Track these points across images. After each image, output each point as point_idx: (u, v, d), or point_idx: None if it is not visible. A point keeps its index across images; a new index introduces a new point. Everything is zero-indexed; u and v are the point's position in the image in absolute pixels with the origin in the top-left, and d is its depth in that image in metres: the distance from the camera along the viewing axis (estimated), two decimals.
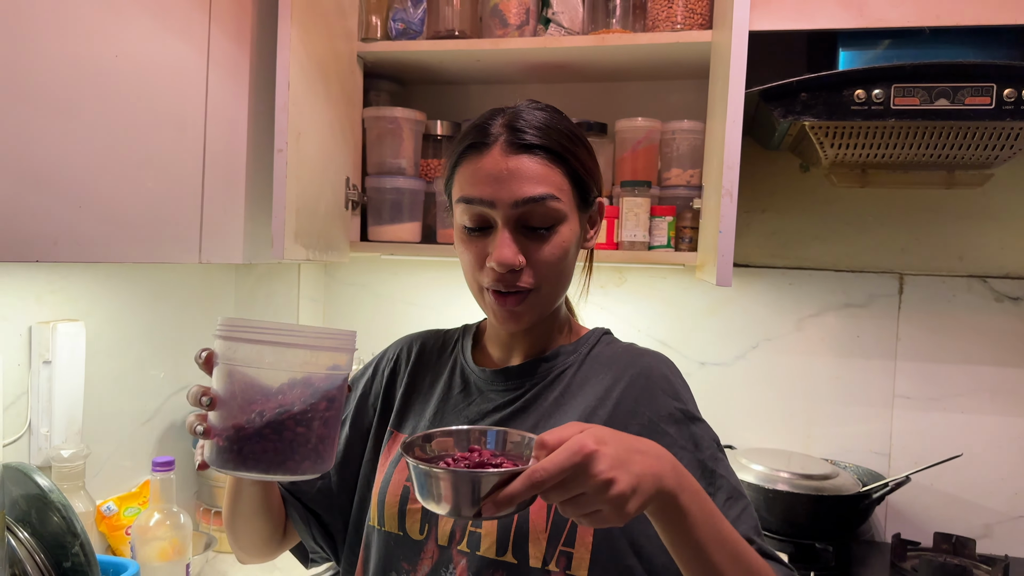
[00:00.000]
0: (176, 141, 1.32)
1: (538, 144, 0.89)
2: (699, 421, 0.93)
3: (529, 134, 0.89)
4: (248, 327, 0.73)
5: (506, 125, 0.90)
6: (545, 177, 0.89)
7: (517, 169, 0.88)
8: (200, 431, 0.75)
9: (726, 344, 1.85)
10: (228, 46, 1.42)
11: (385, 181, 1.71)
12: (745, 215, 1.81)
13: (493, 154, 0.89)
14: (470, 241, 0.93)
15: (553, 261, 0.91)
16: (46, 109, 1.08)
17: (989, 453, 1.72)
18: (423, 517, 0.93)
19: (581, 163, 0.93)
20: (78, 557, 1.13)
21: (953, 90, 1.31)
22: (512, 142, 0.89)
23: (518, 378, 0.98)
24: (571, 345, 1.00)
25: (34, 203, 1.06)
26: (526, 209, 0.88)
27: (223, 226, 1.44)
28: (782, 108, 1.37)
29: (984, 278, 1.72)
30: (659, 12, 1.56)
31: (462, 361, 1.04)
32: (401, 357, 1.09)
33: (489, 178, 0.89)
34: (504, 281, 0.90)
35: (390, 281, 2.04)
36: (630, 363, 0.96)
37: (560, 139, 0.91)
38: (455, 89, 1.94)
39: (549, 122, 0.92)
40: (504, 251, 0.88)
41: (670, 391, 0.93)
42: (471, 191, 0.90)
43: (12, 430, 1.37)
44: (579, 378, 0.96)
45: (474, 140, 0.91)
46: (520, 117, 0.91)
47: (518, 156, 0.88)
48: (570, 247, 0.93)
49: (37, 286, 1.41)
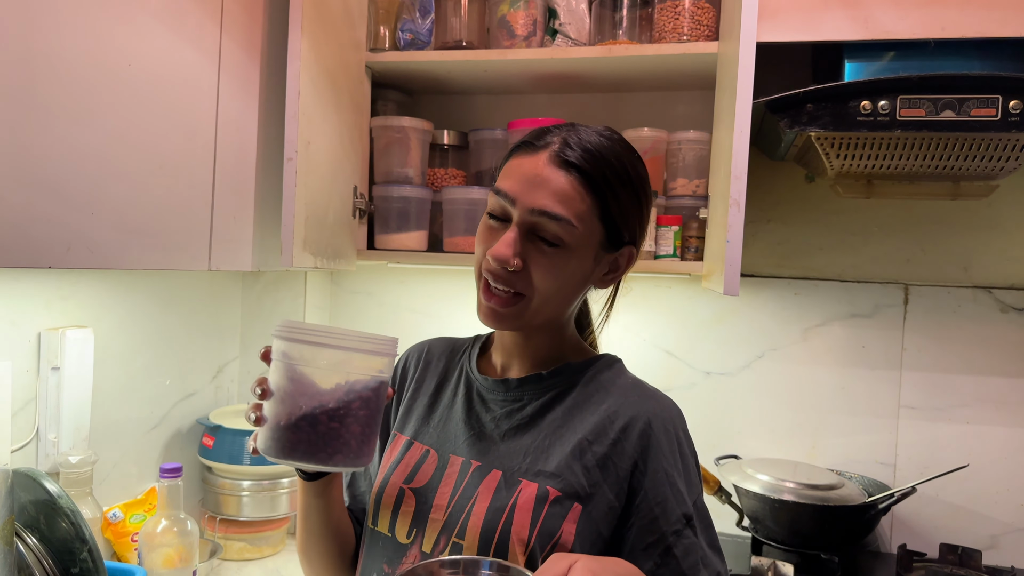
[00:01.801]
0: (187, 149, 1.33)
1: (579, 167, 0.89)
2: (682, 485, 0.90)
3: (576, 154, 0.89)
4: (300, 329, 0.82)
5: (563, 138, 0.91)
6: (570, 201, 0.89)
7: (548, 181, 0.89)
8: (252, 419, 0.83)
9: (731, 354, 1.85)
10: (239, 56, 1.43)
11: (392, 190, 1.71)
12: (751, 225, 1.81)
13: (538, 159, 0.90)
14: (488, 229, 0.94)
15: (547, 277, 0.91)
16: (60, 116, 1.09)
17: (995, 464, 1.71)
18: (413, 522, 0.94)
19: (619, 205, 0.92)
20: (86, 563, 1.13)
21: (959, 102, 1.31)
22: (558, 155, 0.90)
23: (518, 390, 0.98)
24: (578, 364, 0.99)
25: (48, 210, 1.07)
26: (540, 220, 0.89)
27: (233, 234, 1.45)
28: (788, 119, 1.37)
29: (989, 289, 1.73)
30: (665, 23, 1.57)
31: (467, 368, 1.05)
32: (410, 363, 1.11)
33: (523, 178, 0.90)
34: (496, 275, 0.91)
35: (396, 290, 2.05)
36: (638, 403, 0.94)
37: (606, 172, 0.90)
38: (462, 99, 1.95)
39: (607, 154, 0.91)
40: (502, 247, 0.89)
41: (667, 449, 0.91)
42: (503, 183, 0.92)
43: (20, 436, 1.38)
44: (581, 401, 0.95)
45: (530, 140, 0.93)
46: (579, 136, 0.91)
47: (556, 169, 0.89)
48: (571, 276, 0.92)
49: (46, 292, 1.41)
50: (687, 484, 0.91)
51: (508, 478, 0.91)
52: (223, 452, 1.70)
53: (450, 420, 1.01)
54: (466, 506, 0.91)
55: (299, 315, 1.96)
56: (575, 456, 0.90)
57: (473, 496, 0.92)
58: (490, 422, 0.97)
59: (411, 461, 0.99)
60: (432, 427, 1.02)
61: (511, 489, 0.90)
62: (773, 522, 1.61)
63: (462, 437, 0.98)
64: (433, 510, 0.94)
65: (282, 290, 1.97)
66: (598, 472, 0.89)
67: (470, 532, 0.89)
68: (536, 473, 0.90)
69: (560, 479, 0.89)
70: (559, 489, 0.88)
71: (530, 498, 0.88)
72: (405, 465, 0.99)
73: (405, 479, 0.98)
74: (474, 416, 0.99)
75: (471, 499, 0.92)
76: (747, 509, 1.67)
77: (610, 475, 0.89)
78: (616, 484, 0.89)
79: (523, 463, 0.92)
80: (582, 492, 0.88)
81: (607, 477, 0.89)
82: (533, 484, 0.89)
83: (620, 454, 0.90)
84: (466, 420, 0.99)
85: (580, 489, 0.88)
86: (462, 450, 0.97)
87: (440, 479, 0.96)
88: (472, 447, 0.97)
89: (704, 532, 0.90)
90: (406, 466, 0.99)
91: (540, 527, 0.87)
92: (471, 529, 0.89)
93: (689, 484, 0.91)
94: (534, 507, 0.88)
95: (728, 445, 1.83)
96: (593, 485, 0.89)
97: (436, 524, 0.92)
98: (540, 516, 0.87)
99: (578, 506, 0.88)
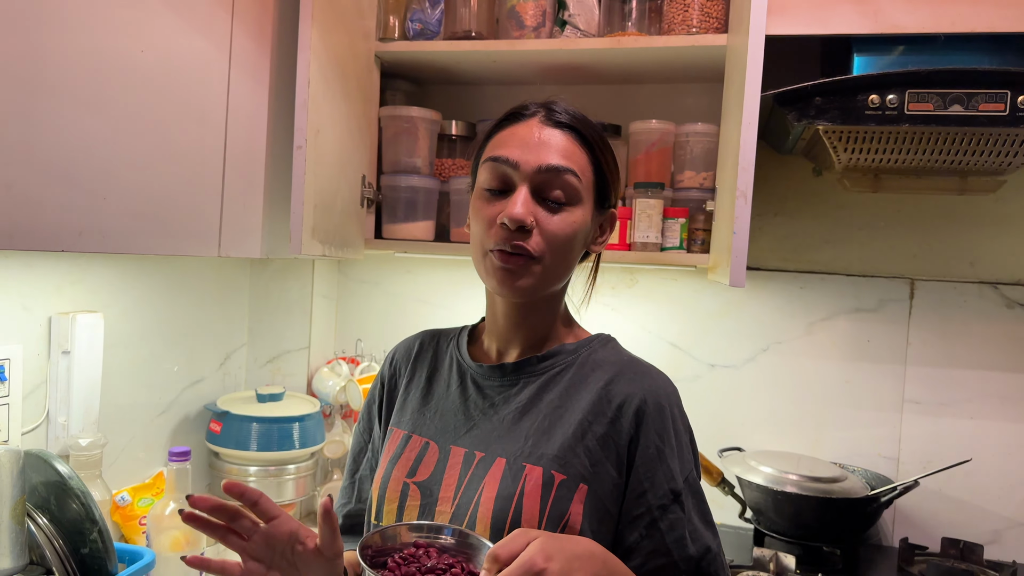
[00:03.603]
0: (198, 136, 1.34)
1: (571, 126, 0.94)
2: (673, 462, 0.91)
3: (565, 116, 0.95)
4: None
5: (544, 105, 0.96)
6: (572, 154, 0.93)
7: (549, 140, 0.93)
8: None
9: (736, 347, 1.85)
10: (249, 44, 1.44)
11: (400, 180, 1.72)
12: (757, 218, 1.81)
13: (530, 124, 0.94)
14: (487, 202, 0.94)
15: (560, 235, 0.92)
16: (71, 102, 1.10)
17: (998, 459, 1.72)
18: (420, 516, 0.94)
19: (607, 162, 0.97)
20: (96, 543, 1.15)
21: (967, 96, 1.31)
22: (549, 117, 0.94)
23: (514, 374, 0.98)
24: (572, 345, 1.00)
25: (60, 195, 1.09)
26: (547, 177, 0.91)
27: (242, 220, 1.46)
28: (796, 112, 1.38)
29: (995, 284, 1.73)
30: (675, 15, 1.57)
31: (458, 356, 1.04)
32: (399, 359, 1.10)
33: (520, 142, 0.93)
34: (511, 239, 0.91)
35: (403, 279, 2.05)
36: (634, 381, 0.94)
37: (592, 132, 0.96)
38: (471, 90, 1.96)
39: (585, 117, 0.97)
40: (518, 207, 0.90)
41: (660, 426, 0.92)
42: (500, 151, 0.93)
43: (31, 419, 1.39)
44: (578, 380, 0.96)
45: (515, 111, 0.97)
46: (558, 102, 0.97)
47: (552, 129, 0.94)
48: (578, 231, 0.94)
49: (57, 277, 1.43)
50: (679, 460, 0.92)
51: (512, 464, 0.91)
52: (230, 438, 1.71)
53: (446, 410, 1.00)
54: (473, 497, 0.91)
55: (306, 304, 1.97)
56: (577, 437, 0.91)
57: (480, 487, 0.92)
58: (488, 409, 0.97)
59: (411, 455, 0.99)
60: (428, 419, 1.01)
61: (516, 476, 0.90)
62: (776, 514, 1.62)
63: (461, 427, 0.98)
64: (440, 503, 0.93)
65: (290, 279, 1.98)
66: (599, 451, 0.90)
67: (480, 523, 0.89)
68: (539, 456, 0.91)
69: (564, 461, 0.90)
70: (564, 472, 0.89)
71: (536, 484, 0.89)
72: (406, 459, 0.99)
73: (407, 473, 0.97)
74: (470, 404, 0.99)
75: (478, 489, 0.91)
76: (750, 501, 1.68)
77: (611, 453, 0.90)
78: (617, 461, 0.91)
79: (525, 447, 0.92)
80: (586, 473, 0.89)
81: (608, 456, 0.90)
82: (538, 468, 0.90)
83: (618, 432, 0.91)
84: (463, 409, 0.99)
85: (584, 470, 0.89)
86: (462, 440, 0.97)
87: (443, 471, 0.95)
88: (472, 436, 0.96)
89: (696, 508, 0.92)
90: (407, 460, 0.98)
91: (549, 511, 0.87)
92: (480, 520, 0.89)
93: (681, 461, 0.92)
94: (541, 492, 0.88)
95: (732, 437, 1.84)
96: (596, 464, 0.90)
97: (444, 517, 0.92)
98: (548, 500, 0.88)
99: (584, 487, 0.89)
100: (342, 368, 1.97)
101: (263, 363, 2.00)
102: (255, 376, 2.00)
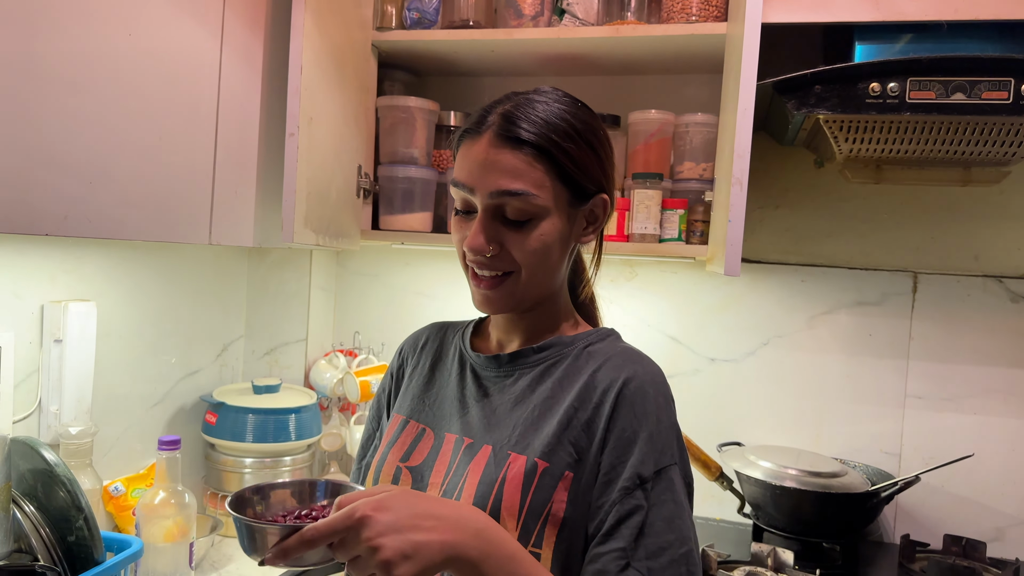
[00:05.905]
0: (189, 122, 1.33)
1: (524, 140, 0.89)
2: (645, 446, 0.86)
3: (518, 128, 0.89)
4: None
5: (501, 114, 0.90)
6: (523, 173, 0.89)
7: (498, 161, 0.89)
8: None
9: (737, 340, 1.83)
10: (242, 31, 1.43)
11: (397, 170, 1.71)
12: (758, 211, 1.79)
13: (482, 142, 0.90)
14: (459, 222, 0.95)
15: (529, 249, 0.91)
16: (57, 86, 1.09)
17: (1001, 455, 1.69)
18: None
19: (572, 160, 0.91)
20: (82, 531, 1.14)
21: (970, 84, 1.29)
22: (500, 134, 0.89)
23: (510, 365, 0.98)
24: (569, 337, 0.99)
25: (44, 178, 1.08)
26: (502, 201, 0.89)
27: (234, 208, 1.45)
28: (796, 100, 1.35)
29: (1000, 278, 1.70)
30: (674, 4, 1.55)
31: (461, 347, 1.05)
32: (406, 351, 1.12)
33: (475, 164, 0.91)
34: (479, 263, 0.93)
35: (401, 271, 2.04)
36: (619, 367, 0.92)
37: (553, 134, 0.89)
38: (469, 80, 1.94)
39: (547, 116, 0.90)
40: (475, 237, 0.90)
41: (638, 410, 0.88)
42: (458, 175, 0.93)
43: (23, 407, 1.38)
44: (572, 372, 0.94)
45: (470, 126, 0.93)
46: (518, 108, 0.90)
47: (501, 149, 0.89)
48: (551, 241, 0.92)
49: (51, 265, 1.42)
50: (653, 447, 0.86)
51: (497, 452, 0.91)
52: (226, 429, 1.71)
53: (444, 398, 1.01)
54: (458, 483, 0.92)
55: (304, 296, 1.96)
56: (563, 426, 0.89)
57: (464, 473, 0.92)
58: (483, 398, 0.98)
59: (407, 440, 1.00)
60: (427, 406, 1.02)
61: (500, 463, 0.90)
62: (774, 509, 1.59)
63: (456, 415, 0.99)
64: (429, 488, 0.94)
65: (287, 270, 1.97)
66: (584, 438, 0.89)
67: None
68: (525, 446, 0.90)
69: (549, 450, 0.88)
70: (548, 460, 0.88)
71: (519, 472, 0.88)
72: (401, 444, 1.00)
73: (401, 457, 0.98)
74: (467, 393, 1.00)
75: (463, 476, 0.92)
76: (748, 496, 1.66)
77: (595, 438, 0.88)
78: (600, 446, 0.88)
79: (512, 435, 0.92)
80: (571, 461, 0.88)
81: (592, 441, 0.88)
82: (522, 457, 0.89)
83: (600, 416, 0.89)
84: (459, 397, 1.00)
85: (569, 458, 0.88)
86: (455, 427, 0.97)
87: (436, 457, 0.96)
88: (464, 424, 0.97)
89: (665, 503, 0.85)
90: (402, 445, 1.00)
91: (531, 499, 0.86)
92: None
93: (657, 449, 0.86)
94: (523, 480, 0.87)
95: (732, 432, 1.82)
96: (580, 451, 0.88)
97: None
98: (530, 488, 0.87)
99: (569, 474, 0.87)
100: (340, 360, 1.96)
101: (260, 355, 1.99)
102: (252, 368, 1.99)
